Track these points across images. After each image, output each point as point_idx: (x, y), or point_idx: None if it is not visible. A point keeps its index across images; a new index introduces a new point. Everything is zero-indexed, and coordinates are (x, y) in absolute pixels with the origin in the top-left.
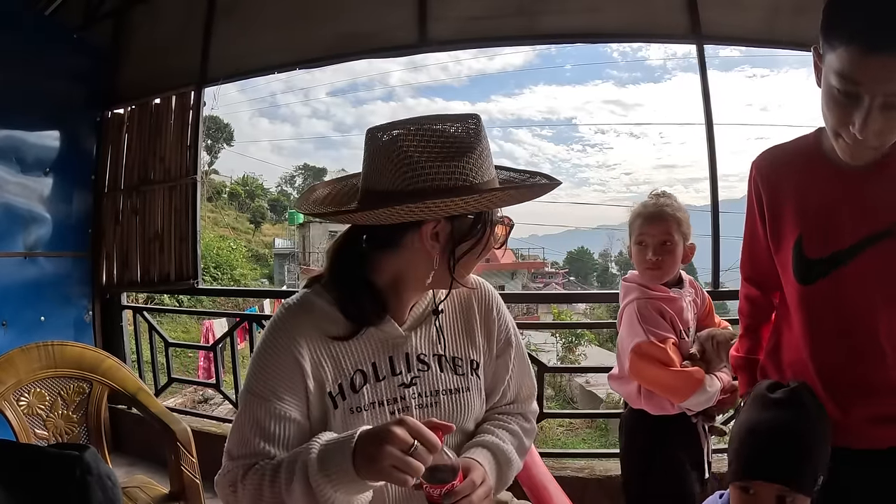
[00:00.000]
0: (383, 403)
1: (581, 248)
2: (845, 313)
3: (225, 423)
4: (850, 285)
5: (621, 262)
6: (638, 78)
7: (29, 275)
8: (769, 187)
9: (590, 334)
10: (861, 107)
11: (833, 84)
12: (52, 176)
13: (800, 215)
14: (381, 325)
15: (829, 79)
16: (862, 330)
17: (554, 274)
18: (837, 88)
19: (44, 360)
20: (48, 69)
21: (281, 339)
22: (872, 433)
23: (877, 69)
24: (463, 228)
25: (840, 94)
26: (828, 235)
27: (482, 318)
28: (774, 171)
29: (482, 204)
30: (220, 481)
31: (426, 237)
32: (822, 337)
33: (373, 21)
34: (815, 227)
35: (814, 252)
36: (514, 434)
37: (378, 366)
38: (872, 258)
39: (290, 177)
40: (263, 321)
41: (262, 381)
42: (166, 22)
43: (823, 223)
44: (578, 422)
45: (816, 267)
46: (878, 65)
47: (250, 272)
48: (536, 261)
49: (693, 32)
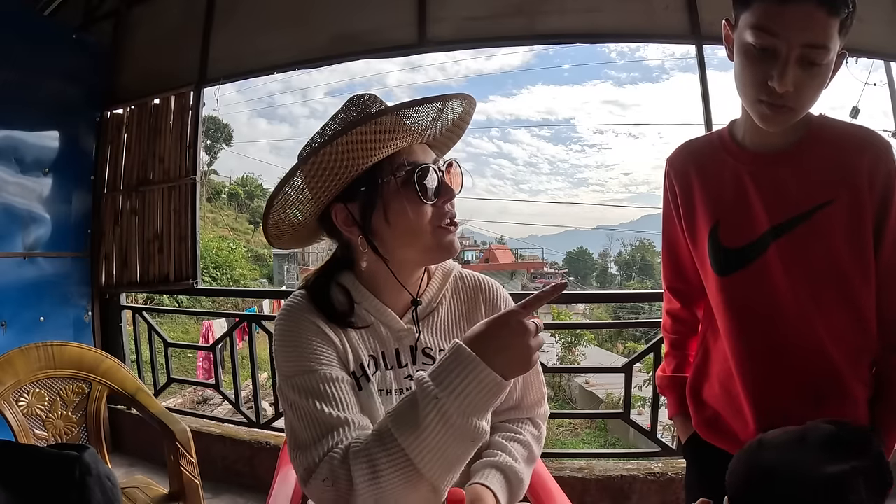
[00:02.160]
0: (391, 392)
1: (580, 248)
2: (769, 303)
3: (224, 423)
4: (771, 274)
5: (621, 262)
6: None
7: (28, 275)
8: (681, 180)
9: (589, 334)
10: (779, 59)
11: (749, 41)
12: (52, 176)
13: (713, 204)
14: (383, 319)
15: (745, 38)
16: (789, 321)
17: (553, 274)
18: (753, 45)
19: (43, 360)
20: (48, 69)
21: (300, 317)
22: None
23: (793, 18)
24: (360, 198)
25: (756, 49)
26: (742, 224)
27: (488, 313)
28: (685, 164)
29: (337, 156)
30: (309, 481)
31: (341, 224)
32: (747, 333)
33: (373, 21)
34: (729, 216)
35: (730, 241)
36: (525, 445)
37: (386, 355)
38: (789, 244)
39: None
40: (263, 321)
41: (296, 360)
42: (166, 22)
43: (737, 212)
44: (578, 422)
45: (734, 257)
46: (793, 13)
47: (249, 272)
48: (536, 261)
49: (692, 33)
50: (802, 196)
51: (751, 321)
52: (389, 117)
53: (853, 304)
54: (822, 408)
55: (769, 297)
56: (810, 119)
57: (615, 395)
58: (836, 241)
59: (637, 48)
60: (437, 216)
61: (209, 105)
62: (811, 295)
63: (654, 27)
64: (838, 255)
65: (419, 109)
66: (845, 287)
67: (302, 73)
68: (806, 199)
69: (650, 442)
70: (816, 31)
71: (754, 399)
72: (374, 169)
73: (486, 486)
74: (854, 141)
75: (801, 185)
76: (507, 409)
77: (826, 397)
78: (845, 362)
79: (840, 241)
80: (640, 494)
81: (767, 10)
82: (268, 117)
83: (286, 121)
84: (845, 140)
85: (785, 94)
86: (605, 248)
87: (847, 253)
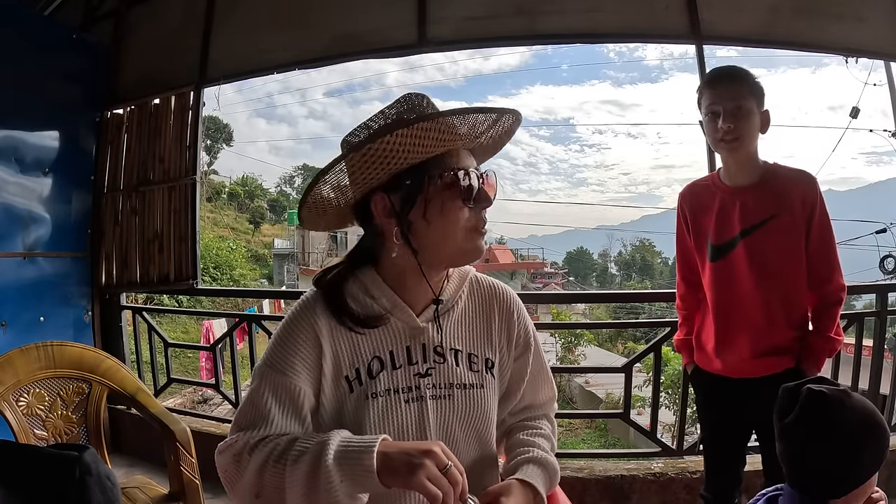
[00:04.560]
0: (399, 391)
1: (580, 248)
2: (737, 280)
3: (224, 423)
4: (739, 260)
5: (620, 262)
6: (635, 78)
7: (28, 275)
8: (690, 207)
9: (589, 334)
10: (719, 116)
11: (707, 110)
12: (52, 176)
13: (708, 219)
14: (400, 315)
15: (705, 109)
16: (747, 292)
17: (553, 274)
18: (709, 112)
19: (43, 360)
20: (48, 69)
21: (305, 317)
22: (751, 367)
23: (717, 93)
24: (403, 191)
25: (712, 114)
26: (723, 229)
27: (503, 320)
28: (692, 195)
29: (394, 146)
30: (224, 450)
31: (379, 213)
32: (722, 296)
33: (373, 21)
34: (716, 225)
35: (716, 240)
36: (547, 439)
37: (395, 354)
38: (751, 241)
39: (289, 177)
40: (263, 321)
41: (281, 355)
42: (165, 22)
43: (721, 221)
44: (578, 422)
45: (718, 250)
46: (716, 91)
47: (249, 272)
48: (536, 261)
49: (692, 33)
50: (759, 212)
51: (726, 288)
52: (450, 119)
53: (791, 274)
54: (760, 340)
55: (737, 273)
56: (765, 164)
57: (615, 395)
58: (779, 240)
59: (636, 48)
60: (472, 220)
61: (209, 105)
62: (761, 273)
63: (655, 27)
64: (780, 249)
65: (477, 117)
66: (783, 268)
67: (301, 73)
68: (761, 213)
69: (650, 442)
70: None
71: (717, 335)
72: (423, 165)
73: (526, 480)
74: (792, 177)
75: (758, 204)
76: (522, 409)
77: (762, 333)
78: (780, 312)
79: (782, 240)
80: (640, 494)
81: (709, 93)
82: (267, 117)
83: (285, 121)
84: (787, 178)
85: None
86: (605, 248)
87: (786, 247)
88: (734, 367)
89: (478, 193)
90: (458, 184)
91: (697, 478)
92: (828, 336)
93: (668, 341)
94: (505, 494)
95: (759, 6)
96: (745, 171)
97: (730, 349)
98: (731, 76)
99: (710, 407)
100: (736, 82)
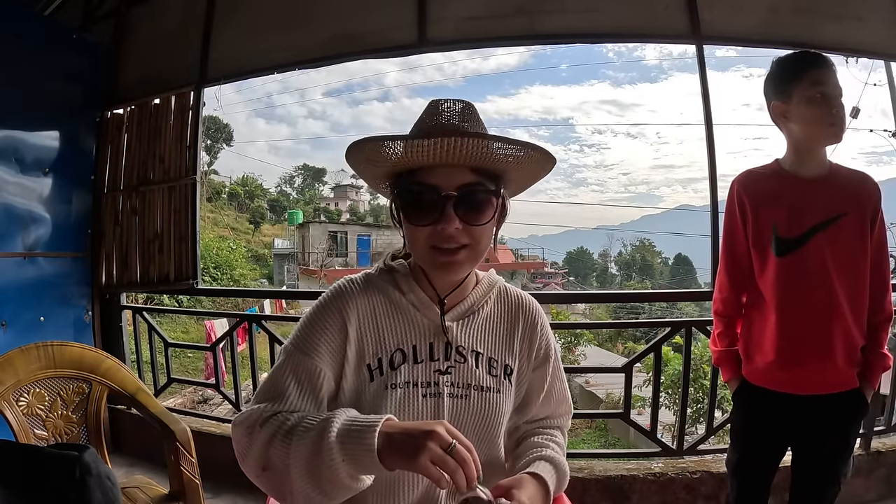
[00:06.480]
0: (418, 385)
1: (580, 248)
2: (808, 277)
3: (224, 423)
4: (811, 256)
5: (620, 262)
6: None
7: (28, 275)
8: (751, 194)
9: (589, 334)
10: (831, 99)
11: (819, 91)
12: (52, 176)
13: (775, 209)
14: (425, 312)
15: (807, 94)
16: (822, 290)
17: (553, 274)
18: (820, 93)
19: (43, 360)
20: (48, 69)
21: (335, 302)
22: (822, 382)
23: (828, 76)
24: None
25: (822, 95)
26: (793, 222)
27: (526, 329)
28: (754, 183)
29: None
30: (240, 421)
31: (394, 213)
32: (790, 296)
33: (373, 22)
34: (785, 217)
35: (785, 233)
36: (560, 446)
37: (418, 349)
38: (825, 237)
39: (289, 177)
40: (263, 321)
41: (307, 337)
42: (166, 22)
43: (791, 214)
44: (578, 422)
45: (788, 244)
46: (827, 73)
47: (250, 272)
48: (536, 261)
49: (693, 33)
50: (832, 207)
51: (794, 286)
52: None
53: (860, 276)
54: (842, 348)
55: (810, 269)
56: (830, 162)
57: (615, 395)
58: (851, 237)
59: (634, 48)
60: (432, 237)
61: (209, 105)
62: (836, 269)
63: (655, 27)
64: (853, 247)
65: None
66: (852, 269)
67: (300, 73)
68: (834, 208)
69: (650, 442)
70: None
71: (780, 343)
72: (398, 177)
73: (539, 474)
74: (858, 178)
75: (831, 199)
76: (540, 419)
77: (834, 338)
78: (852, 315)
79: (854, 237)
80: (640, 494)
81: (817, 75)
82: (266, 117)
83: (284, 121)
84: (853, 177)
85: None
86: (605, 248)
87: (857, 245)
88: (803, 381)
89: (420, 213)
90: (409, 200)
91: (697, 478)
92: (881, 352)
93: (668, 341)
94: (517, 487)
95: (759, 6)
96: (822, 164)
97: (800, 360)
98: (830, 62)
99: (759, 427)
100: (835, 70)
